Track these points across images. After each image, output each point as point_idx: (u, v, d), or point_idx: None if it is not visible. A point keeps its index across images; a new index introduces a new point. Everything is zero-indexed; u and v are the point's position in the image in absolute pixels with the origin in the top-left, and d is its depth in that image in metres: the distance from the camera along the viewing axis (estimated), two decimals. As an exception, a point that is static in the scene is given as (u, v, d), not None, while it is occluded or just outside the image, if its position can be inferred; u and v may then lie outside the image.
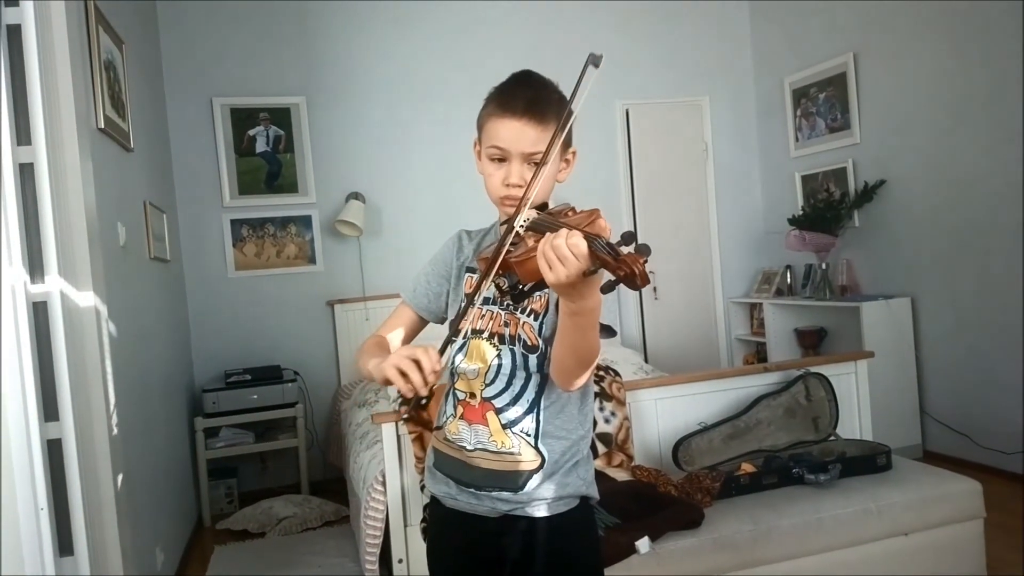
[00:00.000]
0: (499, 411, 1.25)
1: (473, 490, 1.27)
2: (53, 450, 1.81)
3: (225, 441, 3.89)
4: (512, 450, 1.24)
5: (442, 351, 1.13)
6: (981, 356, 3.72)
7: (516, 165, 1.22)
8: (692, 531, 2.18)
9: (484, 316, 1.27)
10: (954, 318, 3.85)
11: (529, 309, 1.24)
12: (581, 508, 1.31)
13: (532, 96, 1.21)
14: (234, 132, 4.29)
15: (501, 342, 1.25)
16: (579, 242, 0.93)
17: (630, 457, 2.60)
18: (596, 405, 2.58)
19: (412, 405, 1.11)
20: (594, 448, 2.53)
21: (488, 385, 1.25)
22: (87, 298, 1.95)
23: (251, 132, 4.32)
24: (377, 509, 2.52)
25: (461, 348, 1.29)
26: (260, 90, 4.33)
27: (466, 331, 1.29)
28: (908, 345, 4.03)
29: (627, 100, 4.94)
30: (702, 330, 5.13)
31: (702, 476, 2.41)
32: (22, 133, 1.82)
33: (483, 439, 1.25)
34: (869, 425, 2.86)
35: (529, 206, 1.12)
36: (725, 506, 2.32)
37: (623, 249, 0.92)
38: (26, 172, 1.82)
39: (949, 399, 3.92)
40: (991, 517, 2.47)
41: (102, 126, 2.45)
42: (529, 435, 1.24)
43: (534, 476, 1.24)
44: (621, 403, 2.62)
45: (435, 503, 1.36)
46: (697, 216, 5.11)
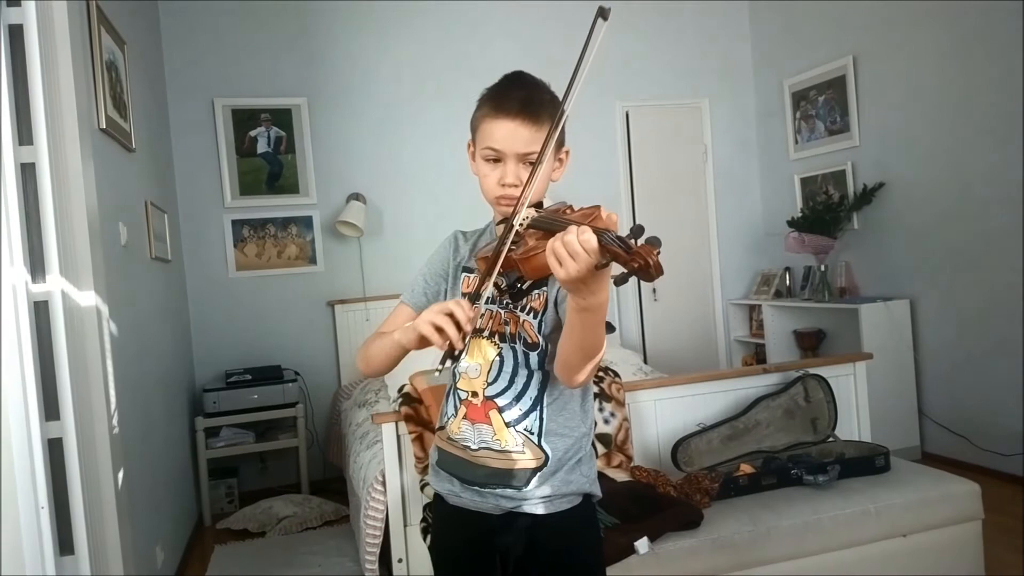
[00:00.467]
0: (502, 409, 1.25)
1: (477, 488, 1.27)
2: (54, 449, 1.81)
3: (225, 441, 3.90)
4: (516, 448, 1.24)
5: (473, 300, 1.12)
6: (979, 358, 3.72)
7: (511, 165, 1.23)
8: (691, 532, 2.18)
9: (484, 315, 1.28)
10: (953, 320, 3.86)
11: (529, 307, 1.25)
12: (584, 506, 1.31)
13: (525, 96, 1.22)
14: (235, 133, 4.30)
15: (502, 340, 1.26)
16: (590, 237, 0.93)
17: (629, 458, 2.61)
18: (596, 405, 2.59)
19: (449, 358, 1.11)
20: (593, 448, 2.54)
21: (490, 384, 1.26)
22: (88, 298, 1.95)
23: (252, 133, 4.33)
24: (377, 509, 2.52)
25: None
26: (261, 91, 4.34)
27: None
28: (907, 347, 4.04)
29: (627, 102, 4.95)
30: (701, 331, 5.14)
31: (701, 477, 2.41)
32: (24, 133, 1.82)
33: (487, 438, 1.26)
34: (868, 426, 2.87)
35: (526, 205, 1.13)
36: (724, 507, 2.33)
37: (633, 242, 0.92)
38: (28, 172, 1.83)
39: (948, 401, 3.92)
40: (989, 518, 2.47)
41: (104, 126, 2.46)
42: (532, 433, 1.25)
43: (538, 474, 1.25)
44: (620, 404, 2.63)
45: (439, 501, 1.37)
46: (697, 218, 5.12)
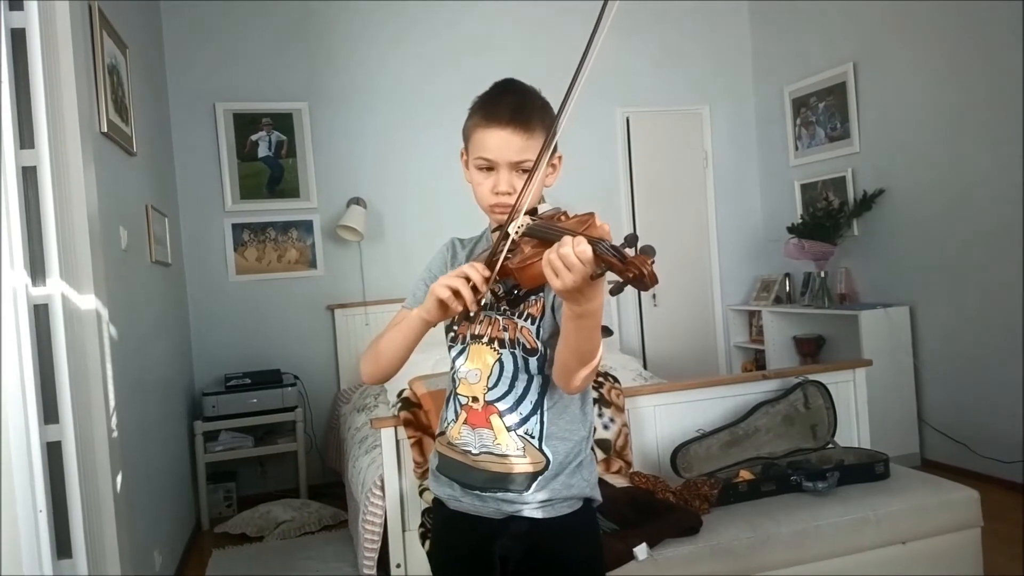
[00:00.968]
0: (502, 414, 1.25)
1: (478, 492, 1.27)
2: (53, 452, 1.81)
3: (224, 445, 3.90)
4: (517, 452, 1.25)
5: (490, 258, 1.13)
6: (979, 365, 3.72)
7: (504, 173, 1.23)
8: (690, 538, 2.18)
9: (482, 321, 1.28)
10: (953, 327, 3.86)
11: (526, 313, 1.25)
12: (584, 510, 1.31)
13: (517, 104, 1.23)
14: (236, 137, 4.30)
15: (501, 346, 1.26)
16: (585, 249, 0.94)
17: (628, 463, 2.60)
18: (595, 411, 2.58)
19: (463, 319, 1.16)
20: (593, 453, 2.54)
21: (490, 389, 1.26)
22: (88, 301, 1.95)
23: (253, 137, 4.34)
24: (375, 514, 2.52)
25: (461, 353, 1.30)
26: (262, 95, 4.35)
27: (466, 337, 1.30)
28: (906, 353, 4.04)
29: (627, 108, 4.96)
30: (701, 337, 5.14)
31: (700, 483, 2.41)
32: (25, 136, 1.83)
33: (487, 442, 1.26)
34: (867, 433, 2.86)
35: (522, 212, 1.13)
36: (723, 513, 2.32)
37: (628, 251, 0.92)
38: (29, 175, 1.83)
39: (947, 407, 3.92)
40: (989, 526, 2.47)
41: (105, 130, 2.46)
42: (533, 437, 1.25)
43: (539, 478, 1.25)
44: (620, 409, 2.63)
45: (438, 506, 1.37)
46: (697, 224, 5.12)
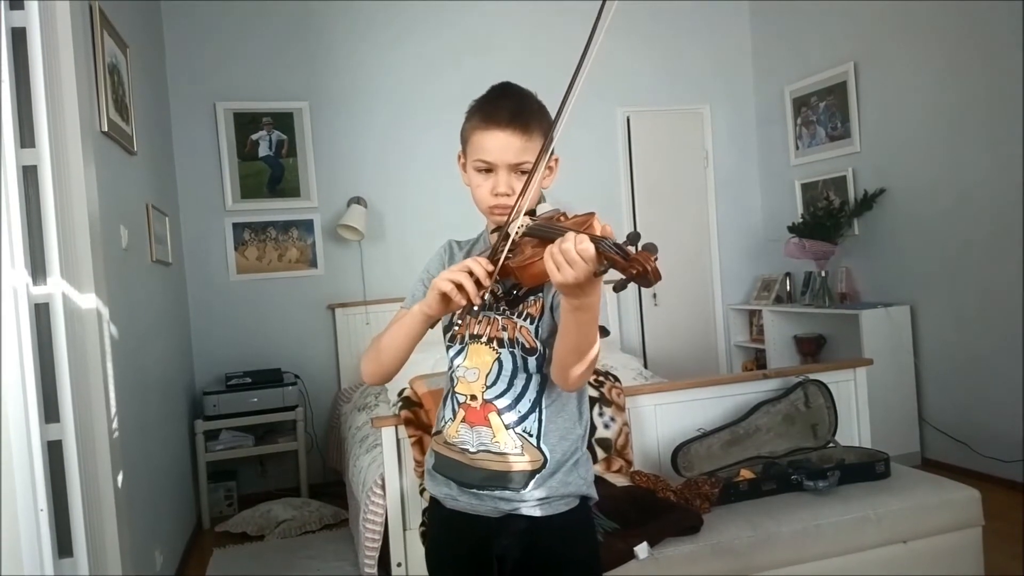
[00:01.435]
0: (501, 412, 1.26)
1: (475, 491, 1.28)
2: (53, 451, 1.81)
3: (225, 444, 3.90)
4: (515, 451, 1.25)
5: (491, 258, 1.13)
6: (980, 364, 3.72)
7: (503, 175, 1.25)
8: (691, 537, 2.18)
9: (481, 321, 1.29)
10: (953, 326, 3.86)
11: (525, 313, 1.26)
12: (581, 508, 1.32)
13: (515, 107, 1.24)
14: (237, 136, 4.30)
15: (500, 345, 1.27)
16: (588, 246, 0.95)
17: (629, 462, 2.60)
18: (596, 410, 2.59)
19: (468, 313, 1.17)
20: (593, 453, 2.54)
21: (489, 387, 1.27)
22: (89, 300, 1.96)
23: (254, 136, 4.34)
24: (376, 513, 2.52)
25: (460, 352, 1.31)
26: (263, 94, 4.34)
27: (464, 336, 1.30)
28: (907, 353, 4.04)
29: (628, 108, 4.95)
30: (701, 336, 5.14)
31: (701, 482, 2.41)
32: (26, 136, 1.83)
33: (486, 441, 1.26)
34: (868, 432, 2.86)
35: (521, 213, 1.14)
36: (724, 512, 2.32)
37: (631, 249, 0.94)
38: (29, 174, 1.83)
39: (948, 407, 3.92)
40: (990, 525, 2.47)
41: (106, 129, 2.46)
42: (532, 435, 1.26)
43: (536, 475, 1.25)
44: (621, 408, 2.63)
45: (435, 505, 1.37)
46: (697, 223, 5.12)
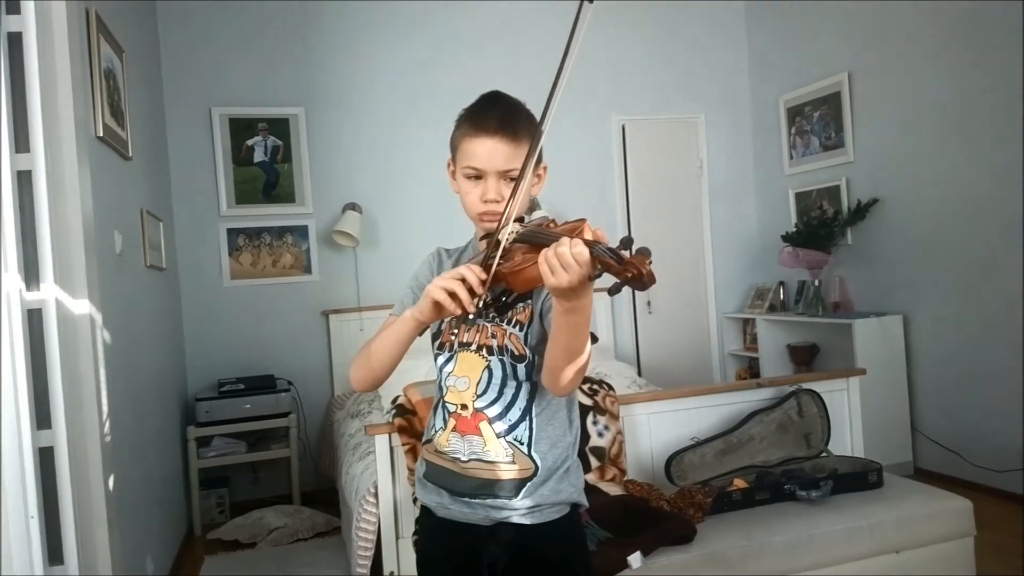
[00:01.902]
0: (492, 421, 1.26)
1: (467, 499, 1.28)
2: (45, 458, 1.81)
3: (217, 450, 3.88)
4: (506, 459, 1.25)
5: (483, 265, 1.14)
6: (973, 374, 3.73)
7: (492, 182, 1.26)
8: (684, 546, 2.18)
9: (470, 329, 1.29)
10: (946, 336, 3.87)
11: (515, 320, 1.27)
12: (571, 516, 1.32)
13: (503, 115, 1.26)
14: (232, 142, 4.30)
15: (489, 353, 1.27)
16: (582, 250, 0.96)
17: (623, 471, 2.60)
18: (590, 419, 2.59)
19: (461, 322, 1.17)
20: (587, 462, 2.54)
21: (480, 396, 1.27)
22: (82, 306, 1.95)
23: (249, 142, 4.33)
24: (369, 521, 2.51)
25: (449, 360, 1.31)
26: (259, 100, 4.35)
27: (453, 344, 1.31)
28: (900, 362, 4.05)
29: (623, 116, 4.97)
30: (695, 345, 5.15)
31: (694, 491, 2.41)
32: (21, 140, 1.83)
33: (477, 449, 1.26)
34: (861, 442, 2.87)
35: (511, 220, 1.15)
36: (717, 521, 2.33)
37: (624, 253, 0.94)
38: (24, 179, 1.83)
39: (940, 417, 3.93)
40: (982, 535, 2.48)
41: (101, 134, 2.46)
42: (522, 443, 1.26)
43: (528, 483, 1.25)
44: (614, 417, 2.62)
45: (426, 513, 1.37)
46: (691, 231, 5.14)
